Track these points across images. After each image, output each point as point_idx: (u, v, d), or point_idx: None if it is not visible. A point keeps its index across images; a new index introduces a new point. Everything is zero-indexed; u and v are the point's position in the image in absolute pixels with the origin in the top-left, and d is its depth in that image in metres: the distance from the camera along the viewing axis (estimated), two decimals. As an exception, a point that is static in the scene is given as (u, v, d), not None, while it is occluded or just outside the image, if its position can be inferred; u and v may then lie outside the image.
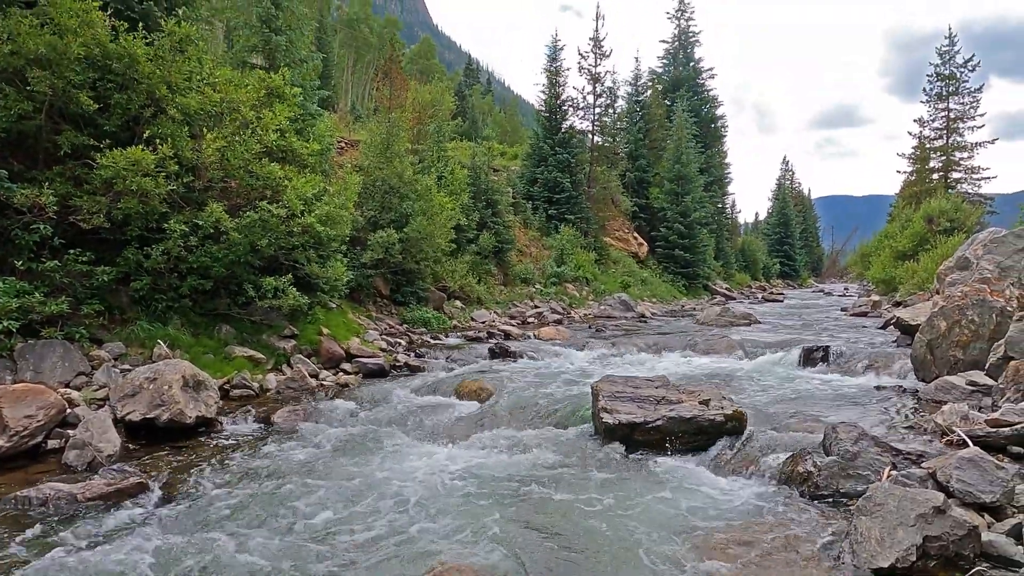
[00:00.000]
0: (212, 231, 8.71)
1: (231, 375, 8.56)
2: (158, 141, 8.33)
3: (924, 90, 34.32)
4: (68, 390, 7.03)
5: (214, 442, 6.59)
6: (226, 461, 5.94)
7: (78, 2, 7.93)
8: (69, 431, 6.10)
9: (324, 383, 9.41)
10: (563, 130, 29.46)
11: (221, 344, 9.25)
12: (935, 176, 33.92)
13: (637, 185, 34.91)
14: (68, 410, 6.41)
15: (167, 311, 9.02)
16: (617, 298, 22.93)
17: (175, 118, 8.77)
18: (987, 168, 33.08)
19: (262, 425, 7.28)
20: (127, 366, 7.82)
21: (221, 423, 7.14)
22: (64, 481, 5.12)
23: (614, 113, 34.42)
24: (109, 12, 8.69)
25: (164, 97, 8.78)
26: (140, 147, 7.98)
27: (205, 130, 8.96)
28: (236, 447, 6.43)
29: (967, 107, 33.11)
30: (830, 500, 4.84)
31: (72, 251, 7.85)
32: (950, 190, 31.66)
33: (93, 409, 6.69)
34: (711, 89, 45.77)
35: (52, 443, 5.99)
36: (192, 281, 9.01)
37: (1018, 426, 4.99)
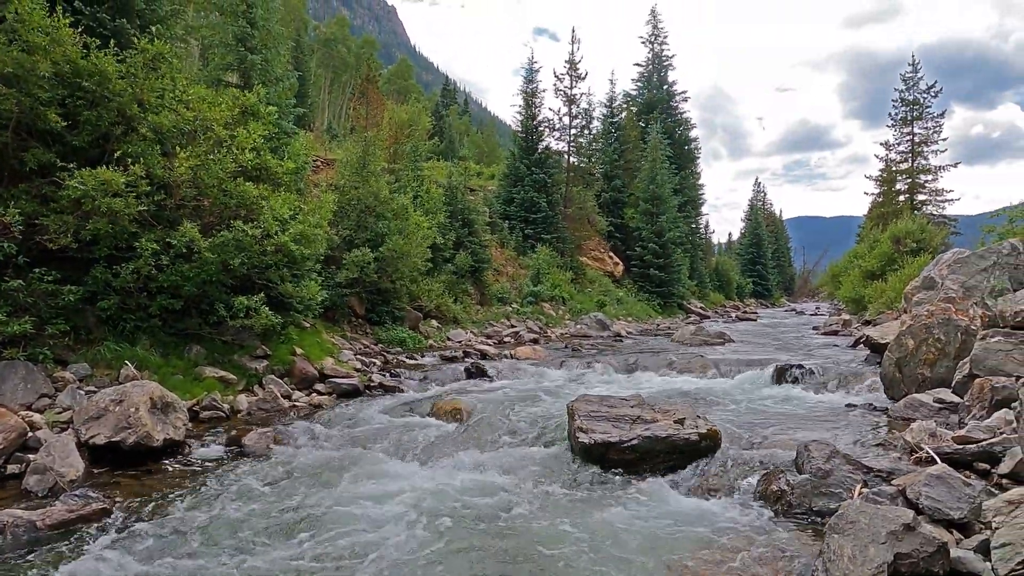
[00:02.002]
0: (184, 250, 8.58)
1: (201, 396, 8.38)
2: (130, 161, 8.21)
3: (890, 115, 35.36)
4: (30, 413, 6.80)
5: (182, 466, 6.43)
6: (193, 486, 5.80)
7: (47, 19, 7.84)
8: (30, 455, 5.91)
9: (297, 404, 9.26)
10: (539, 150, 29.70)
11: (191, 365, 9.06)
12: (901, 198, 34.83)
13: (612, 205, 35.25)
14: (29, 433, 6.23)
15: (135, 331, 8.83)
16: (593, 317, 23.00)
17: (146, 136, 8.67)
18: (950, 190, 34.11)
19: (232, 448, 7.12)
20: (92, 388, 7.61)
21: (190, 446, 6.98)
22: (24, 508, 4.96)
23: (590, 134, 34.79)
24: (80, 29, 8.60)
25: (135, 115, 8.67)
26: (111, 168, 7.86)
27: (178, 148, 8.85)
28: (204, 471, 6.28)
29: (930, 132, 34.16)
30: (804, 518, 4.88)
31: (37, 270, 7.67)
32: (916, 212, 32.49)
33: (56, 432, 6.50)
34: (684, 112, 46.58)
35: (12, 468, 5.79)
36: (162, 300, 8.84)
37: (984, 443, 5.08)
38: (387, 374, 11.53)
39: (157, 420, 6.64)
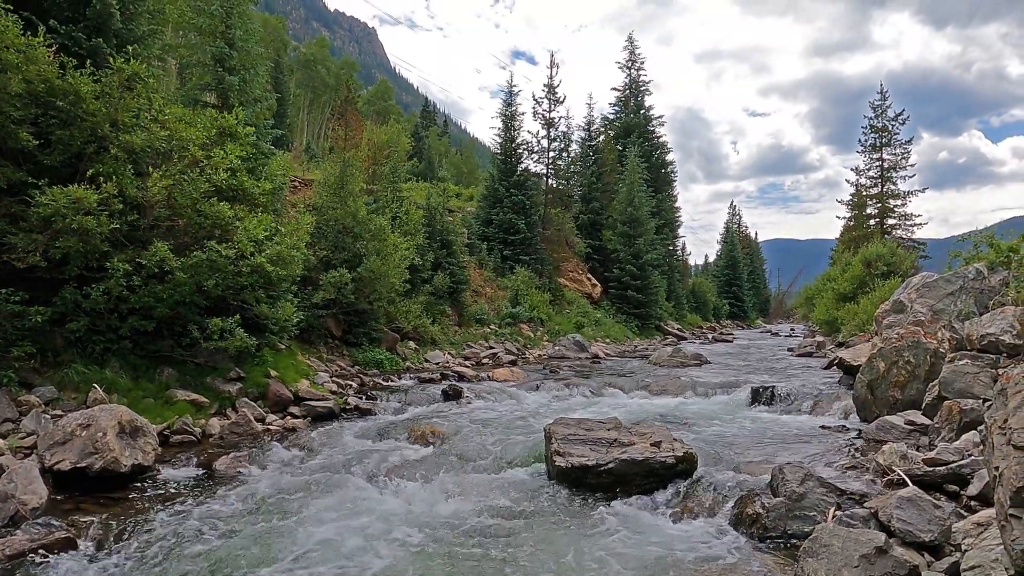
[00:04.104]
0: (156, 270, 8.45)
1: (172, 420, 8.21)
2: (102, 179, 8.11)
3: (860, 141, 36.24)
4: (-8, 438, 6.62)
5: (150, 492, 6.27)
6: (161, 513, 5.65)
7: (21, 38, 7.76)
8: (-9, 482, 5.72)
9: (270, 427, 9.11)
10: (518, 172, 29.89)
11: (162, 387, 8.89)
12: (872, 222, 35.56)
13: (591, 227, 35.50)
14: (-9, 460, 6.04)
15: (105, 353, 8.65)
16: (571, 339, 23.03)
17: (119, 156, 8.57)
18: (919, 215, 34.97)
19: (203, 473, 6.98)
20: (59, 412, 7.43)
21: (159, 471, 6.81)
22: (-18, 537, 4.78)
23: (568, 157, 35.13)
24: (55, 48, 8.52)
25: (108, 135, 8.58)
26: (82, 185, 7.75)
27: (152, 168, 8.76)
28: (173, 497, 6.13)
29: (899, 157, 35.03)
30: (779, 541, 4.89)
31: (4, 290, 7.50)
32: (886, 235, 33.17)
33: (19, 458, 6.31)
34: (661, 136, 47.28)
35: (-29, 496, 5.59)
36: (133, 322, 8.69)
37: (953, 465, 5.17)
38: (363, 396, 11.41)
39: (125, 445, 6.49)
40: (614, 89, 47.70)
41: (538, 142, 31.54)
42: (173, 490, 6.36)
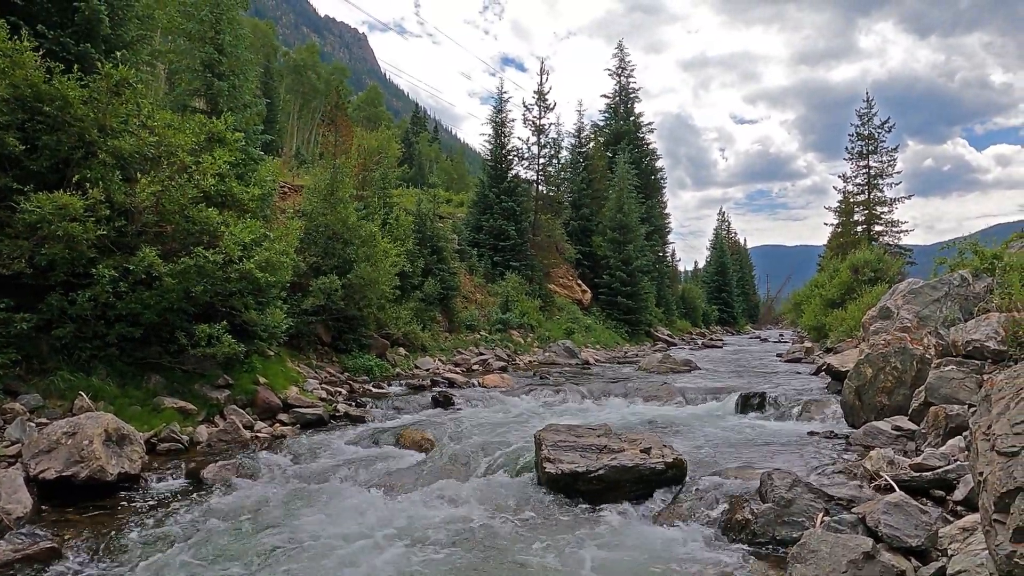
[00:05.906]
0: (144, 277, 8.39)
1: (159, 428, 8.14)
2: (88, 185, 8.05)
3: (847, 148, 36.66)
4: (-25, 447, 6.53)
5: (137, 501, 6.21)
6: (148, 522, 5.60)
7: (8, 43, 7.71)
8: (-26, 492, 5.65)
9: (259, 435, 9.05)
10: (508, 179, 29.93)
11: (149, 395, 8.81)
12: (859, 228, 35.93)
13: (581, 233, 35.60)
14: (-26, 469, 5.96)
15: (91, 360, 8.56)
16: (561, 345, 23.05)
17: (106, 161, 8.52)
18: (905, 222, 35.38)
19: (190, 481, 6.92)
20: (44, 419, 7.34)
21: (146, 480, 6.75)
22: (-35, 548, 4.71)
23: (558, 163, 35.19)
24: (42, 53, 8.47)
25: (95, 140, 8.53)
26: (68, 192, 7.69)
27: (140, 174, 8.71)
28: (160, 506, 6.08)
29: (885, 165, 35.48)
30: (768, 547, 4.92)
31: (-12, 297, 7.43)
32: (873, 242, 33.50)
33: (3, 467, 6.23)
34: (650, 142, 47.51)
35: (-46, 505, 5.52)
36: (120, 328, 8.61)
37: (939, 470, 5.21)
38: (353, 403, 11.36)
39: (112, 453, 6.42)
40: (604, 96, 47.97)
41: (528, 148, 31.63)
42: (160, 499, 6.30)
